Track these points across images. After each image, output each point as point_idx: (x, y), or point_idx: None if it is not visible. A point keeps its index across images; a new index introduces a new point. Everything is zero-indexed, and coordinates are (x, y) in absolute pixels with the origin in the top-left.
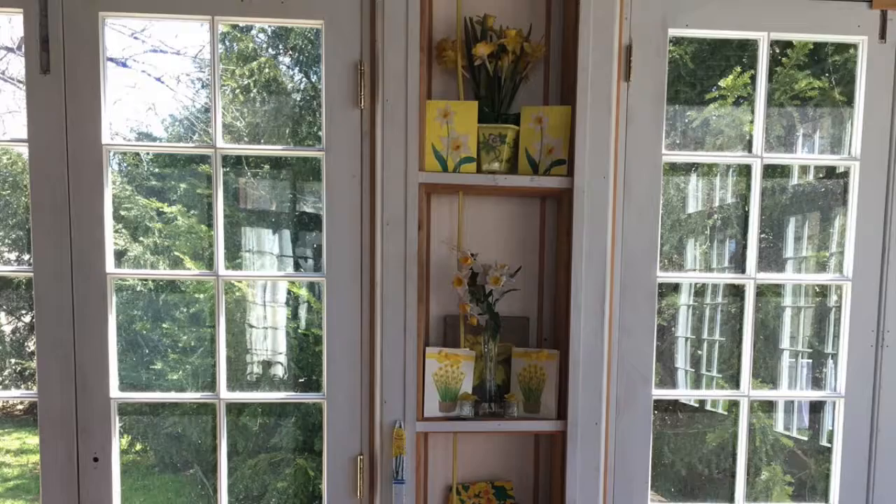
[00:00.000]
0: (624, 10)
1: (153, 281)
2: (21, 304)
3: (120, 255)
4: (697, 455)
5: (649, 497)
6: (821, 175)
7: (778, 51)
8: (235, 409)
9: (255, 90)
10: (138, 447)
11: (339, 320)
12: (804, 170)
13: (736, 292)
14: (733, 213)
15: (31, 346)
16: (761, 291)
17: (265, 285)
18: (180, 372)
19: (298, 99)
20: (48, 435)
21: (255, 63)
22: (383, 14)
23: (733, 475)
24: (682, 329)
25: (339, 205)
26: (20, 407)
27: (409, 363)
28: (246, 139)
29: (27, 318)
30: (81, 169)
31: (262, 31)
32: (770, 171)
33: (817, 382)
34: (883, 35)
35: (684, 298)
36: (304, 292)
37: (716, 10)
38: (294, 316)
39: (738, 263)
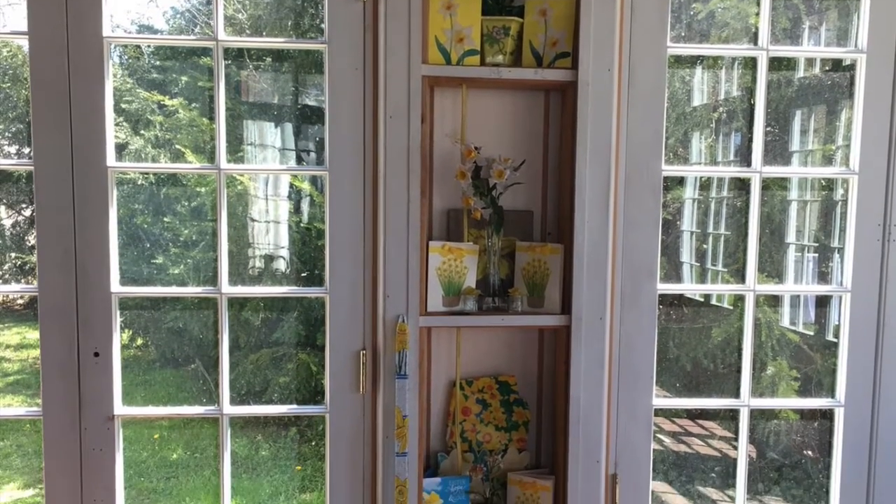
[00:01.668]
0: None
1: (154, 174)
2: (21, 197)
3: (121, 149)
4: (703, 350)
5: (654, 392)
6: (827, 68)
7: None
8: (237, 304)
9: None
10: (139, 342)
11: (341, 214)
12: (810, 62)
13: (741, 186)
14: (739, 106)
15: (31, 240)
16: (767, 185)
17: (267, 179)
18: (181, 266)
19: None
20: (48, 329)
21: None
22: None
23: (739, 370)
24: (688, 223)
25: (341, 98)
26: (20, 301)
27: (412, 257)
28: (248, 31)
29: (27, 212)
30: (82, 62)
31: None
32: (776, 63)
33: (823, 277)
34: None
35: (689, 192)
36: (306, 186)
37: None
38: (296, 210)
39: (744, 157)
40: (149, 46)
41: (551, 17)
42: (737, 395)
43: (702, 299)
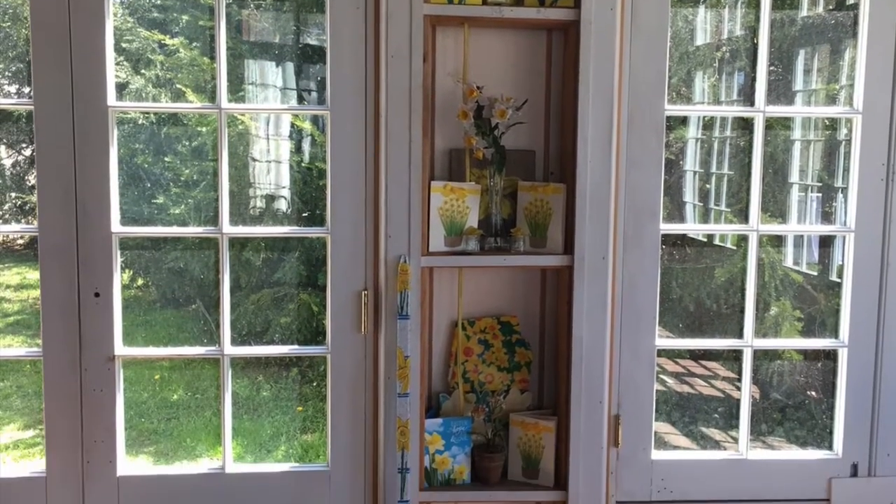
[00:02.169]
0: None
1: (155, 114)
2: (21, 137)
3: (121, 88)
4: (706, 290)
5: (657, 332)
6: (830, 7)
7: None
8: (238, 244)
9: None
10: (140, 282)
11: (342, 154)
12: (814, 1)
13: (745, 125)
14: (742, 45)
15: (31, 179)
16: (770, 125)
17: (268, 118)
18: (182, 206)
19: None
20: (49, 270)
21: None
22: None
23: (742, 311)
24: (691, 163)
25: (342, 37)
26: (20, 241)
27: (413, 197)
28: None
29: (27, 152)
30: (82, 0)
31: None
32: (779, 2)
33: (827, 217)
34: None
35: (692, 132)
36: (307, 126)
37: None
38: (297, 150)
39: (747, 96)
40: None
41: None
42: (740, 335)
43: (705, 239)
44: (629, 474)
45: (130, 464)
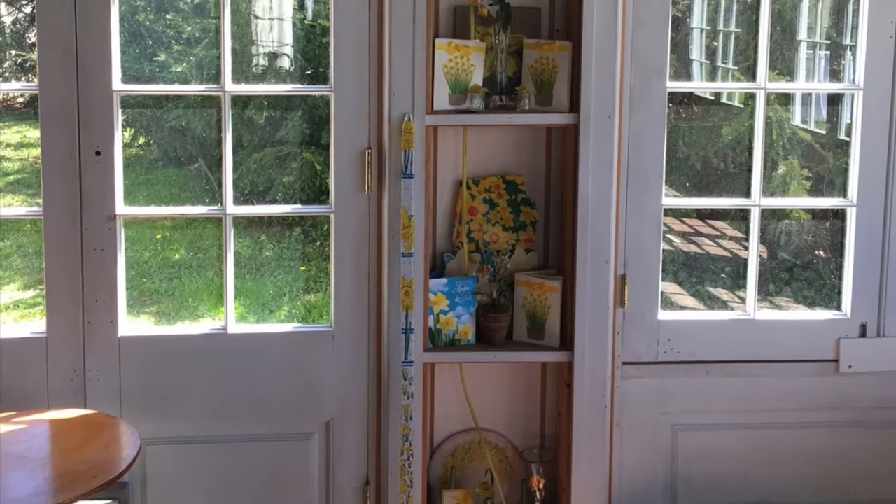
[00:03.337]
0: None
1: None
2: None
3: None
4: (713, 149)
5: (664, 191)
6: None
7: None
8: (240, 102)
9: None
10: (141, 141)
11: (346, 11)
12: None
13: None
14: None
15: (31, 37)
16: None
17: None
18: (184, 64)
19: None
20: (49, 128)
21: None
22: None
23: (749, 169)
24: (698, 20)
25: None
26: (21, 100)
27: (418, 55)
28: None
29: (28, 9)
30: None
31: None
32: None
33: (835, 75)
34: None
35: None
36: None
37: None
38: (301, 6)
39: None
40: None
41: None
42: (747, 194)
43: (712, 98)
44: (635, 335)
45: (132, 324)
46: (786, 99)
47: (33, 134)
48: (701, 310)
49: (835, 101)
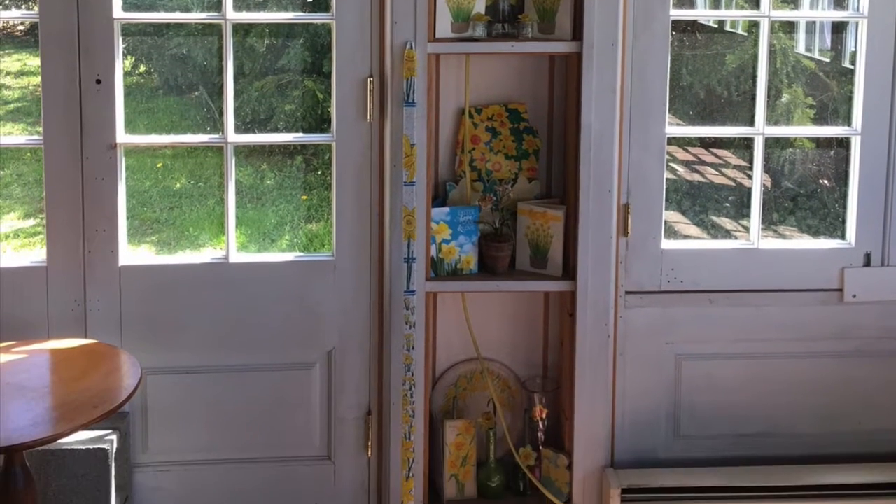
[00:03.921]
0: None
1: None
2: None
3: None
4: (717, 77)
5: (667, 120)
6: None
7: None
8: (242, 30)
9: None
10: (142, 69)
11: None
12: None
13: None
14: None
15: None
16: None
17: None
18: None
19: None
20: (49, 56)
21: None
22: None
23: (753, 98)
24: None
25: None
26: (21, 27)
27: None
28: None
29: None
30: None
31: None
32: None
33: (839, 2)
34: None
35: None
36: None
37: None
38: None
39: None
40: None
41: None
42: (751, 123)
43: (715, 26)
44: (639, 264)
45: (132, 253)
46: (790, 27)
47: (33, 62)
48: (704, 239)
49: (839, 28)
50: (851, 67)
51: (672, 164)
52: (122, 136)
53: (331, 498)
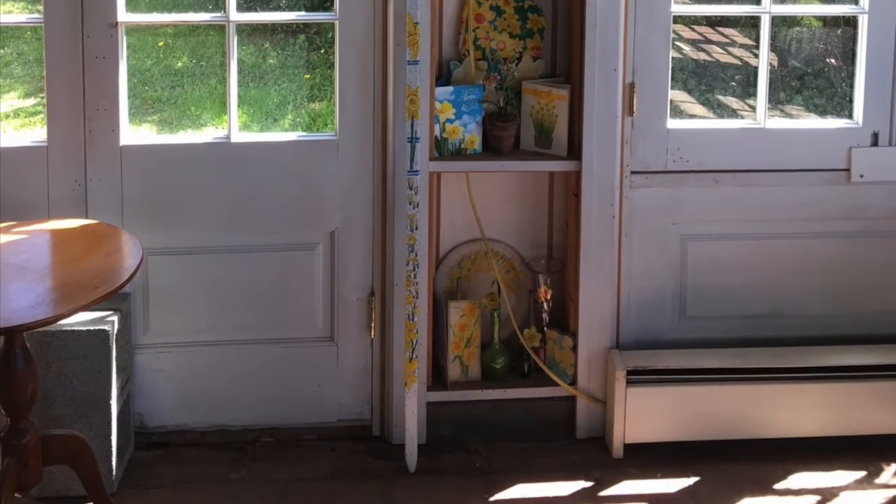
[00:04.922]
0: None
1: None
2: None
3: None
4: None
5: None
6: None
7: None
8: None
9: None
10: None
11: None
12: None
13: None
14: None
15: None
16: None
17: None
18: None
19: None
20: None
21: None
22: None
23: None
24: None
25: None
26: None
27: None
28: None
29: None
30: None
31: None
32: None
33: None
34: None
35: None
36: None
37: None
38: None
39: None
40: None
41: None
42: (758, 1)
43: None
44: (644, 143)
45: (134, 133)
46: None
47: None
48: (710, 118)
49: None
50: None
51: (678, 43)
52: (124, 15)
53: (334, 379)
